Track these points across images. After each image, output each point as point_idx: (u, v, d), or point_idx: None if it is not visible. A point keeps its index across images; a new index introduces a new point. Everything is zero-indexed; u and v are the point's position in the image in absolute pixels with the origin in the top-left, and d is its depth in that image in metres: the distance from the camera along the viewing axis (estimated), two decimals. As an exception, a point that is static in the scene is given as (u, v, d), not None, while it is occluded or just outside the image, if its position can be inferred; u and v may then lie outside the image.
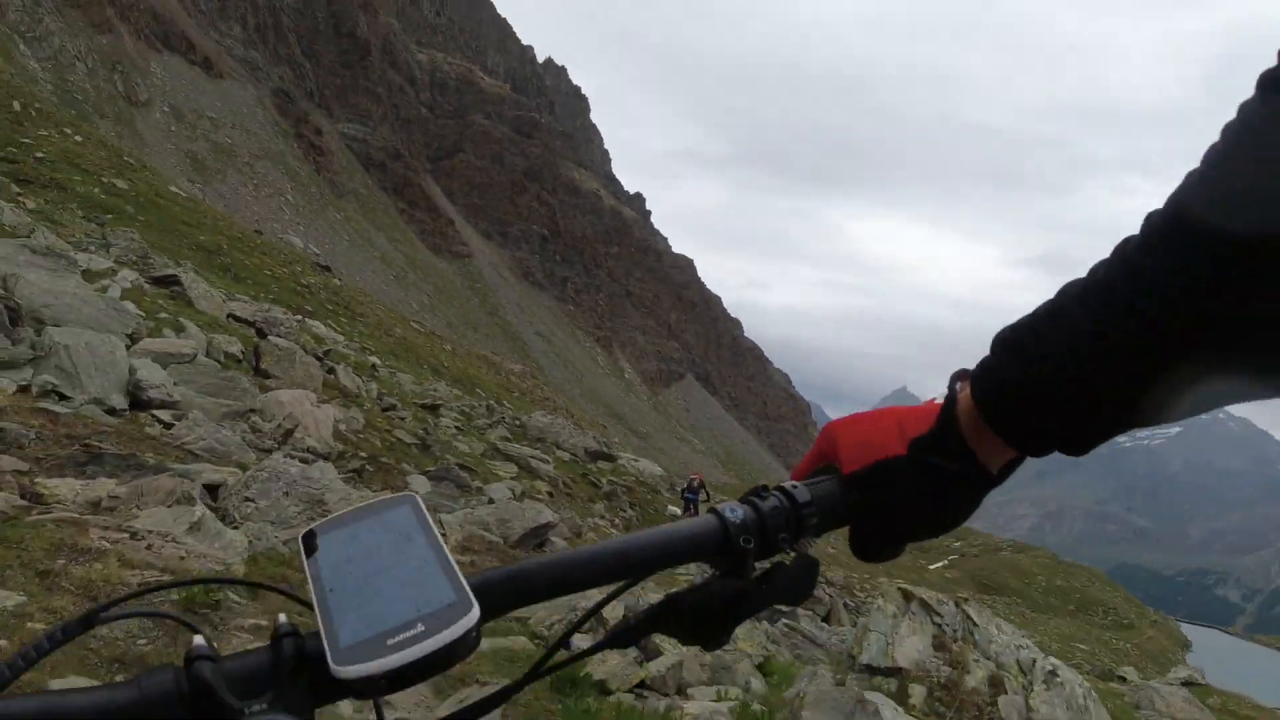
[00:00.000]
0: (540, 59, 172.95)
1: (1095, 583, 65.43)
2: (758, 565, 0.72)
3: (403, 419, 16.18)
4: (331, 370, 15.93)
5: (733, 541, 0.74)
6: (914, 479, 0.77)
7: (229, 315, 15.65)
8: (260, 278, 29.22)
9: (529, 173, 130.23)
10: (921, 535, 0.78)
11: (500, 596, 0.66)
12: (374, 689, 0.58)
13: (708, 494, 24.43)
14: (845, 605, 24.32)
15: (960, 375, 0.75)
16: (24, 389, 7.79)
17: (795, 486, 0.77)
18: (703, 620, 0.75)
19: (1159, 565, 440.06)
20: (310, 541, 0.67)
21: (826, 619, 21.71)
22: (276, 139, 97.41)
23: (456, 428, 18.68)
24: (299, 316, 22.93)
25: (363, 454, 12.76)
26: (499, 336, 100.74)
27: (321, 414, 12.32)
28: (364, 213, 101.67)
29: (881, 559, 0.80)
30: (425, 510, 0.68)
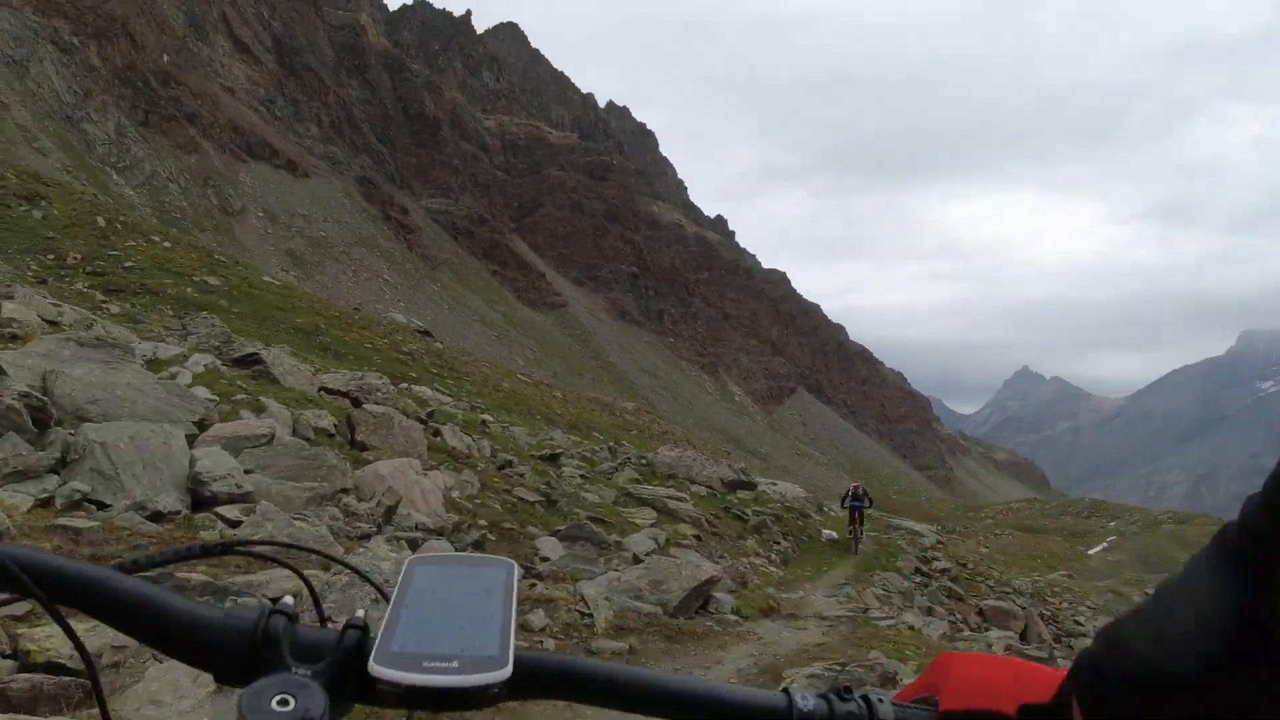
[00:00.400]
0: (602, 103, 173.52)
1: None
2: None
3: (522, 475, 14.33)
4: (437, 432, 14.21)
5: None
6: None
7: (320, 389, 14.09)
8: (361, 351, 28.14)
9: (609, 214, 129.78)
10: None
11: (541, 677, 0.69)
12: (393, 697, 0.63)
13: (870, 500, 23.72)
14: (1042, 617, 21.48)
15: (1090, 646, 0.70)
16: (45, 502, 6.16)
17: (881, 700, 0.73)
18: None
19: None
20: (410, 567, 0.73)
21: (1024, 637, 18.94)
22: (366, 224, 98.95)
23: (581, 476, 16.77)
24: (404, 384, 21.57)
25: (482, 522, 10.91)
26: (606, 379, 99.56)
27: (429, 482, 10.53)
28: (458, 280, 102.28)
29: None
30: (515, 578, 0.72)
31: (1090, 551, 57.12)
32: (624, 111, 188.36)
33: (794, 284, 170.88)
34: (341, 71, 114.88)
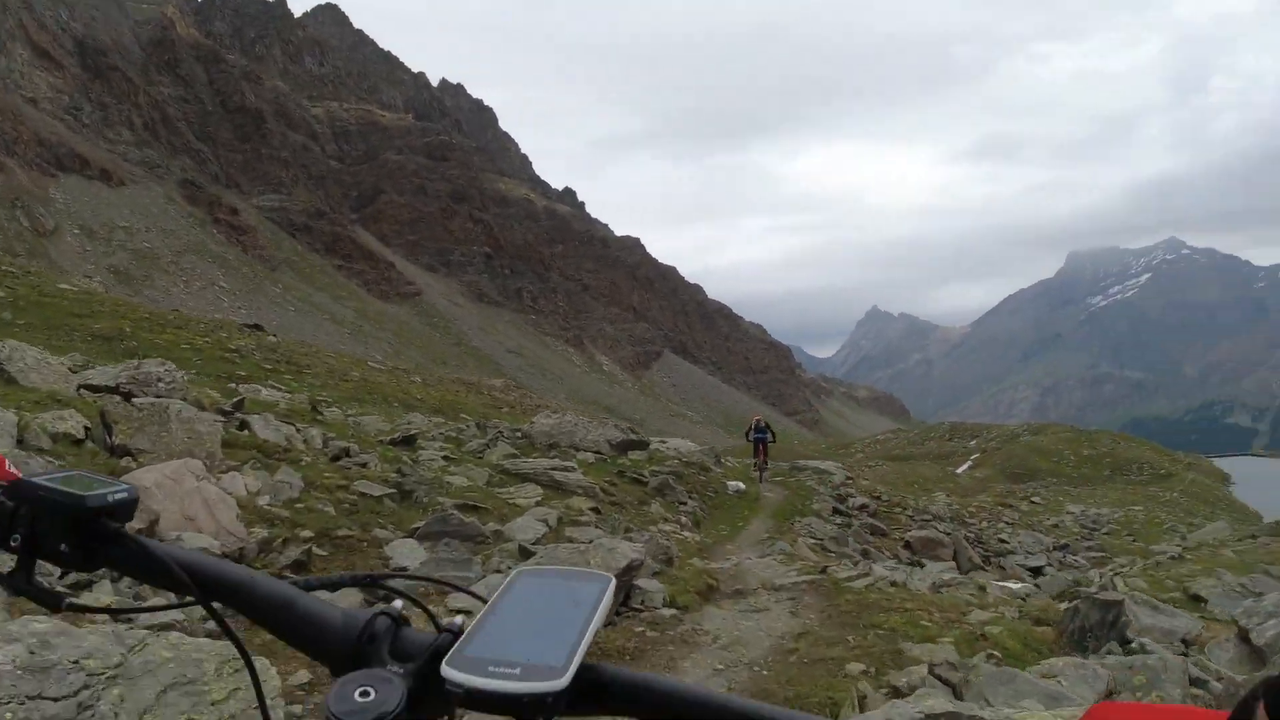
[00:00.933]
0: (435, 82, 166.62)
1: (1120, 443, 62.84)
2: None
3: (364, 465, 11.11)
4: (244, 425, 10.83)
5: None
6: None
7: (81, 387, 10.53)
8: (177, 353, 23.98)
9: (455, 195, 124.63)
10: None
11: (602, 691, 0.71)
12: (456, 698, 0.68)
13: (774, 434, 23.82)
14: (967, 540, 19.68)
15: (1258, 692, 0.58)
16: None
17: None
18: None
19: (1165, 411, 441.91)
20: (515, 577, 0.78)
21: (956, 564, 17.01)
22: (194, 230, 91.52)
23: (444, 458, 13.63)
24: (231, 384, 17.92)
25: (305, 533, 7.80)
26: (471, 364, 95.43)
27: (217, 490, 7.33)
28: (302, 279, 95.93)
29: None
30: (610, 592, 0.75)
31: (958, 470, 57.95)
32: (459, 89, 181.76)
33: (649, 249, 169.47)
34: (151, 69, 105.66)
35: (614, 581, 0.76)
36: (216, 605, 0.80)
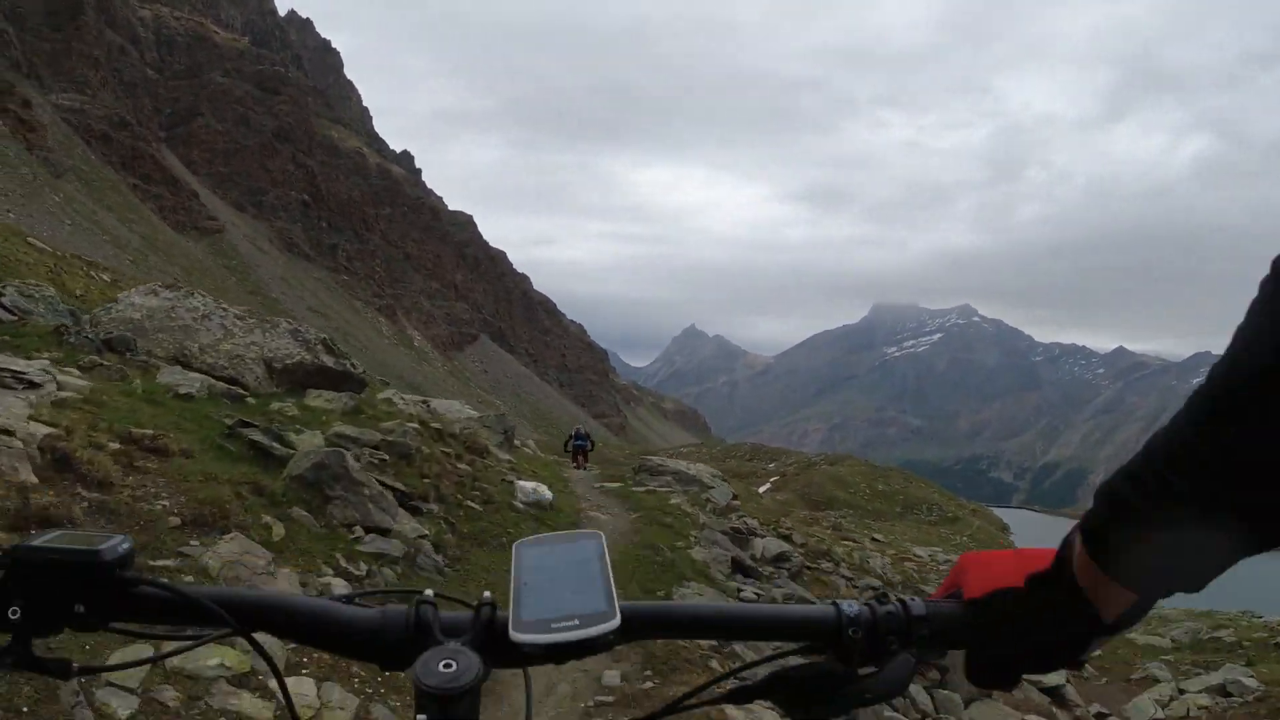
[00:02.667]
0: (282, 11, 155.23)
1: (910, 482, 65.21)
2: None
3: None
4: None
5: (843, 631, 0.84)
6: (1026, 611, 0.81)
7: None
8: None
9: (280, 133, 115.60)
10: (1031, 667, 0.83)
11: (642, 622, 0.86)
12: (535, 656, 0.80)
13: (593, 442, 23.74)
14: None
15: (1077, 526, 0.79)
16: None
17: (913, 599, 0.85)
18: (806, 695, 0.84)
19: (937, 458, 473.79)
20: (517, 550, 0.89)
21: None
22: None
23: None
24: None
25: None
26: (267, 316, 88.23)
27: None
28: (90, 193, 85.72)
29: (995, 687, 0.85)
30: (605, 545, 0.89)
31: (761, 490, 58.17)
32: (307, 24, 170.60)
33: (483, 231, 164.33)
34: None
35: (604, 536, 0.89)
36: (257, 634, 0.85)
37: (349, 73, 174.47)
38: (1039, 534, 58.30)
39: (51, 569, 0.77)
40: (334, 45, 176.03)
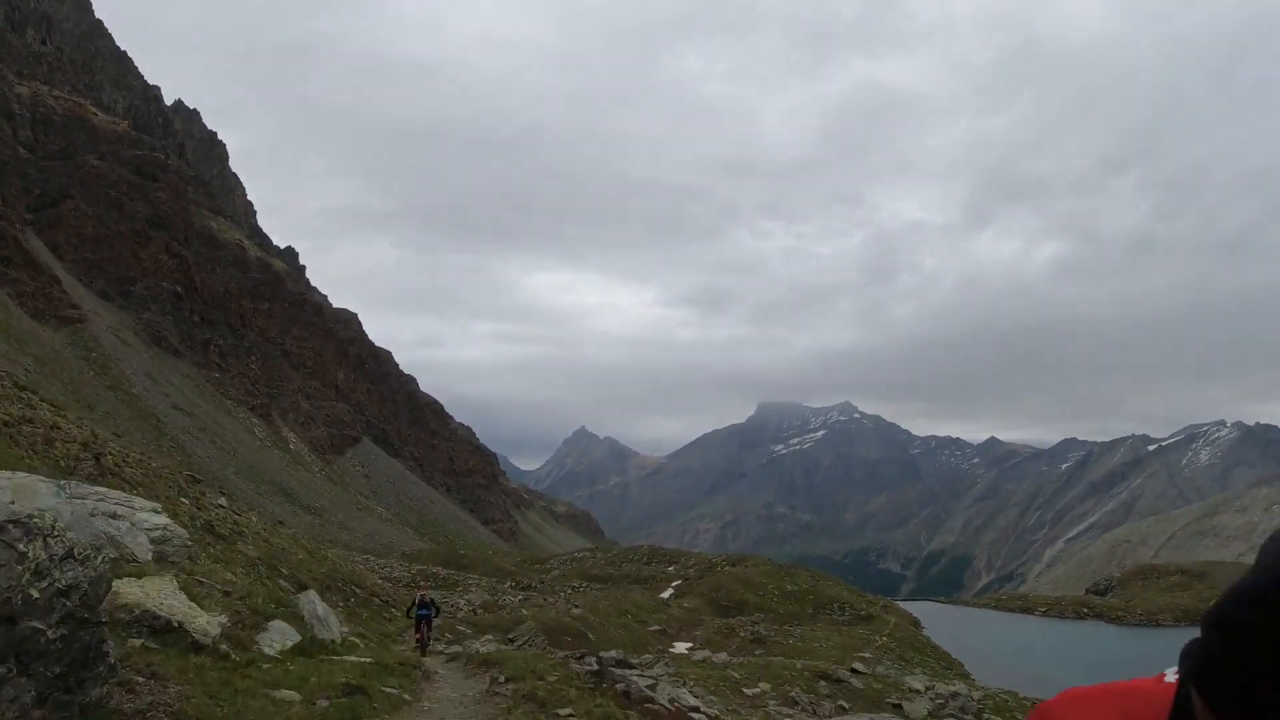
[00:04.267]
0: (169, 101, 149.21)
1: (819, 580, 62.82)
2: None
3: None
4: None
5: None
6: None
7: None
8: None
9: (154, 221, 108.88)
10: None
11: None
12: None
13: (439, 610, 21.10)
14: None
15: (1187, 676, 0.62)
16: None
17: None
18: None
19: (828, 552, 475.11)
20: None
21: None
22: None
23: None
24: None
25: None
26: (126, 413, 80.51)
27: None
28: (-75, 274, 77.78)
29: None
30: None
31: (664, 596, 55.05)
32: (194, 114, 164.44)
33: (368, 330, 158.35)
34: None
35: None
36: None
37: (235, 167, 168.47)
38: (951, 627, 57.41)
39: None
40: (220, 138, 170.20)
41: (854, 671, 26.34)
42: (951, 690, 23.93)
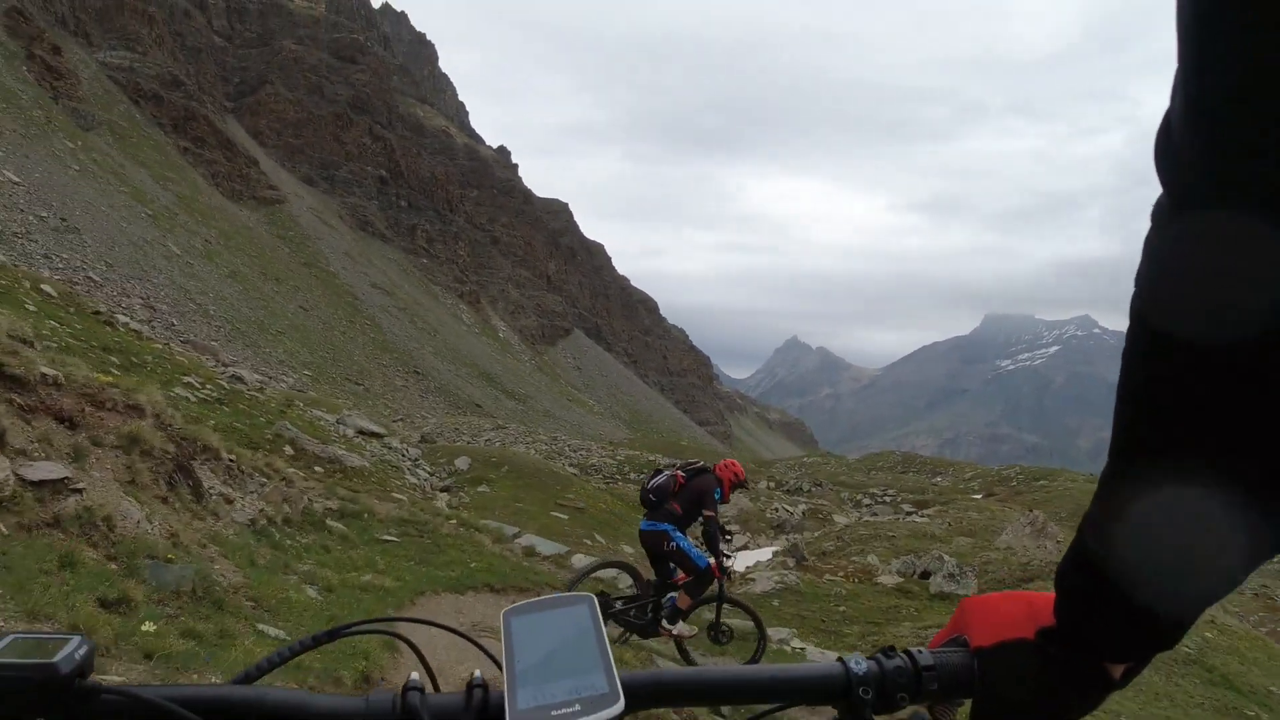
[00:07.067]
0: (376, 3, 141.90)
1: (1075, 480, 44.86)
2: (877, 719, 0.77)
3: None
4: None
5: (853, 690, 0.78)
6: (1037, 665, 0.75)
7: None
8: None
9: (355, 104, 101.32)
10: (1043, 719, 0.77)
11: (642, 695, 0.76)
12: None
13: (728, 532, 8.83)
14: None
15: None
16: None
17: (920, 651, 0.78)
18: None
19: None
20: (507, 620, 0.78)
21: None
22: None
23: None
24: None
25: None
26: (317, 290, 72.74)
27: None
28: (120, 146, 71.86)
29: None
30: (597, 610, 0.78)
31: (918, 519, 39.37)
32: (401, 17, 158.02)
33: (593, 237, 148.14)
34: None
35: (594, 598, 0.79)
36: None
37: (467, 94, 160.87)
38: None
39: (2, 686, 0.67)
40: (428, 38, 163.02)
41: None
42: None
